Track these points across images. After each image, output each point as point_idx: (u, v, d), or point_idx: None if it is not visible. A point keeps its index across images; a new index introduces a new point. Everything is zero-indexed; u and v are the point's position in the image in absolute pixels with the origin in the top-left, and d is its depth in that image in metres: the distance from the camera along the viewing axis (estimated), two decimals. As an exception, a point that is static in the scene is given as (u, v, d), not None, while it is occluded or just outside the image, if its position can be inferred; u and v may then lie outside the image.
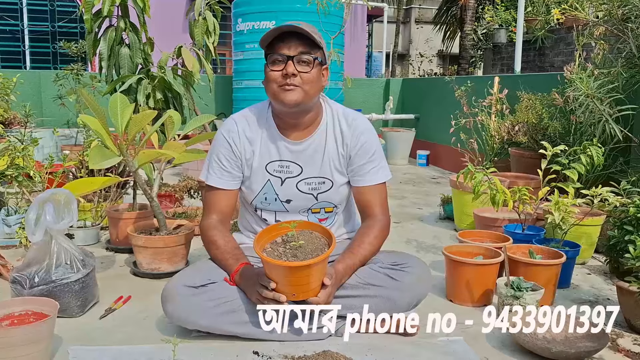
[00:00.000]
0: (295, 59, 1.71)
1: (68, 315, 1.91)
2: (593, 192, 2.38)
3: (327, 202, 1.92)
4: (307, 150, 1.86)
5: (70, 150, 4.78)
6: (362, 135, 1.88)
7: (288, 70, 1.70)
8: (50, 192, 1.94)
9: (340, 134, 1.88)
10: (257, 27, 6.27)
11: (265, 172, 1.87)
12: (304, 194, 1.89)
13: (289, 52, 1.71)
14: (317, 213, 1.94)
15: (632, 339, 1.87)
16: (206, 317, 1.70)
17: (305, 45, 1.72)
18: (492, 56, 9.15)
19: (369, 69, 16.44)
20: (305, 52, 1.72)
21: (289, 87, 1.72)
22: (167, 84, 2.72)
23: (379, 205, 1.90)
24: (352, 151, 1.88)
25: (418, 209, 3.98)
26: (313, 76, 1.74)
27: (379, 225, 1.87)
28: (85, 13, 2.66)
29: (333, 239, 1.62)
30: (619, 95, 2.85)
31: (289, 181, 1.87)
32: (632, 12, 2.79)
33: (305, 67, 1.73)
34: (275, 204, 1.90)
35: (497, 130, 4.14)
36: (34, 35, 11.05)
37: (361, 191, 1.90)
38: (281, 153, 1.86)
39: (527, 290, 1.94)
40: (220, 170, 1.87)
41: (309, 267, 1.53)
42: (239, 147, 1.86)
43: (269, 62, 1.75)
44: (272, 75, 1.74)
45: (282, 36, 1.72)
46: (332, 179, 1.89)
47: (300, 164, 1.87)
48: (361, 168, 1.88)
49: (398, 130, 6.65)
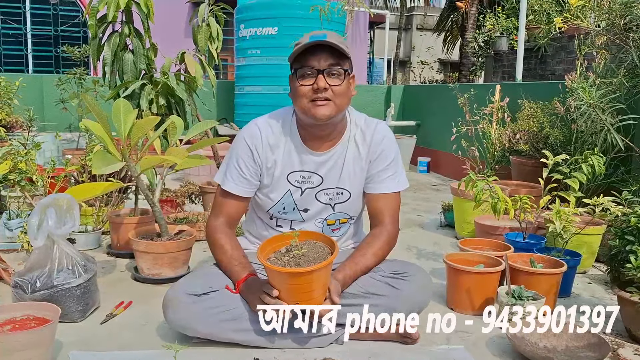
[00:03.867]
0: (325, 72, 1.68)
1: (69, 320, 1.91)
2: (594, 202, 2.38)
3: (343, 213, 1.91)
4: (329, 161, 1.84)
5: (72, 154, 4.79)
6: (382, 143, 1.86)
7: (319, 84, 1.67)
8: (52, 197, 1.94)
9: (363, 140, 1.86)
10: (260, 33, 6.29)
11: (287, 182, 1.84)
12: (322, 204, 1.87)
13: (319, 66, 1.67)
14: (332, 224, 1.92)
15: (633, 349, 1.86)
16: (207, 324, 1.69)
17: (334, 57, 1.69)
18: (493, 64, 9.16)
19: (371, 75, 16.49)
20: (334, 65, 1.68)
21: (321, 102, 1.68)
22: (170, 89, 2.73)
23: (390, 215, 1.88)
24: (372, 157, 1.86)
25: (419, 216, 3.98)
26: (344, 88, 1.72)
27: (386, 235, 1.85)
28: (89, 19, 2.67)
29: (336, 247, 1.61)
30: (620, 105, 2.86)
31: (308, 191, 1.85)
32: (634, 21, 2.80)
33: (336, 80, 1.70)
34: (292, 214, 1.89)
35: (498, 138, 4.14)
36: (36, 39, 11.09)
37: (375, 198, 1.88)
38: (303, 163, 1.83)
39: (528, 299, 1.94)
40: (238, 176, 1.83)
41: (311, 274, 1.54)
42: (260, 156, 1.82)
43: (298, 76, 1.70)
44: (302, 90, 1.70)
45: (310, 49, 1.68)
46: (350, 190, 1.87)
47: (321, 175, 1.84)
48: (378, 175, 1.87)
49: (399, 137, 6.65)
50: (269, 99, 6.19)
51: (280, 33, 6.15)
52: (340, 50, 1.69)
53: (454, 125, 4.31)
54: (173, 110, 2.79)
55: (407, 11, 17.88)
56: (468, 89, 4.61)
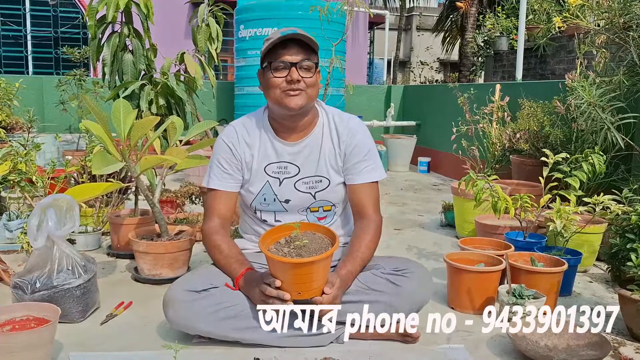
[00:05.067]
0: (298, 66, 1.77)
1: (69, 320, 1.91)
2: (595, 200, 2.38)
3: (325, 200, 1.95)
4: (304, 151, 1.91)
5: (72, 155, 4.79)
6: (357, 135, 1.93)
7: (293, 76, 1.76)
8: (52, 197, 1.94)
9: (337, 134, 1.93)
10: (259, 34, 6.29)
11: (264, 173, 1.91)
12: (302, 193, 1.92)
13: (291, 59, 1.76)
14: (315, 212, 1.96)
15: (634, 348, 1.86)
16: (207, 322, 1.69)
17: (305, 51, 1.79)
18: (493, 63, 9.16)
19: (371, 76, 16.49)
20: (306, 59, 1.78)
21: (294, 92, 1.77)
22: (169, 90, 2.73)
23: (372, 205, 1.93)
24: (347, 149, 1.92)
25: (419, 216, 3.97)
26: (314, 80, 1.82)
27: (374, 226, 1.90)
28: (89, 19, 2.67)
29: (336, 238, 1.64)
30: (620, 104, 2.85)
31: (287, 181, 1.91)
32: (634, 20, 2.80)
33: (308, 73, 1.80)
34: (274, 205, 1.93)
35: (499, 137, 4.14)
36: (36, 40, 11.10)
37: (355, 190, 1.93)
38: (279, 155, 1.91)
39: (528, 298, 1.93)
40: (221, 173, 1.91)
41: (313, 264, 1.55)
42: (239, 151, 1.91)
43: (271, 68, 1.79)
44: (275, 82, 1.78)
45: (282, 44, 1.77)
46: (328, 177, 1.92)
47: (297, 165, 1.91)
48: (355, 166, 1.92)
49: (399, 137, 6.65)
50: (268, 100, 6.18)
51: (280, 34, 6.14)
52: (310, 45, 1.79)
53: (454, 125, 4.31)
54: (173, 110, 2.80)
55: (407, 11, 17.90)
56: (468, 89, 4.62)
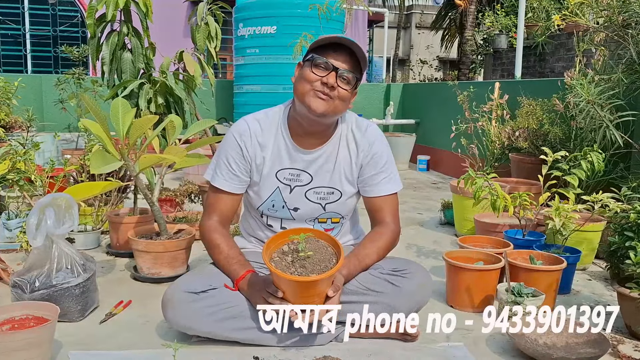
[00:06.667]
0: (339, 72, 1.69)
1: (68, 319, 1.91)
2: (594, 198, 2.38)
3: (335, 212, 1.90)
4: (319, 160, 1.84)
5: (71, 154, 4.79)
6: (374, 145, 1.86)
7: (329, 80, 1.68)
8: (51, 196, 1.94)
9: (355, 144, 1.86)
10: (258, 32, 6.29)
11: (275, 179, 1.84)
12: (313, 203, 1.87)
13: (336, 64, 1.69)
14: (323, 223, 1.92)
15: (633, 345, 1.86)
16: (207, 323, 1.69)
17: (353, 63, 1.71)
18: (492, 61, 9.17)
19: (370, 74, 16.47)
20: (350, 71, 1.70)
21: (324, 96, 1.69)
22: (168, 88, 2.72)
23: (391, 213, 1.88)
24: (363, 160, 1.86)
25: (418, 214, 3.98)
26: (348, 94, 1.73)
27: (390, 233, 1.85)
28: (88, 18, 2.67)
29: (341, 249, 1.60)
30: (619, 102, 2.85)
31: (297, 189, 1.85)
32: (633, 18, 2.80)
33: (346, 85, 1.71)
34: (282, 212, 1.88)
35: (498, 135, 4.14)
36: (35, 39, 11.08)
37: (372, 202, 1.89)
38: (292, 160, 1.83)
39: (527, 296, 1.93)
40: (228, 172, 1.83)
41: (317, 281, 1.54)
42: (250, 152, 1.82)
43: (312, 63, 1.70)
44: (311, 77, 1.69)
45: (333, 46, 1.70)
46: (341, 189, 1.87)
47: (310, 173, 1.84)
48: (372, 178, 1.87)
49: (398, 135, 6.65)
50: (268, 98, 6.18)
51: (279, 32, 6.15)
52: (360, 61, 1.72)
53: (454, 123, 4.31)
54: (172, 109, 2.79)
55: (407, 9, 17.88)
56: (467, 87, 4.61)
